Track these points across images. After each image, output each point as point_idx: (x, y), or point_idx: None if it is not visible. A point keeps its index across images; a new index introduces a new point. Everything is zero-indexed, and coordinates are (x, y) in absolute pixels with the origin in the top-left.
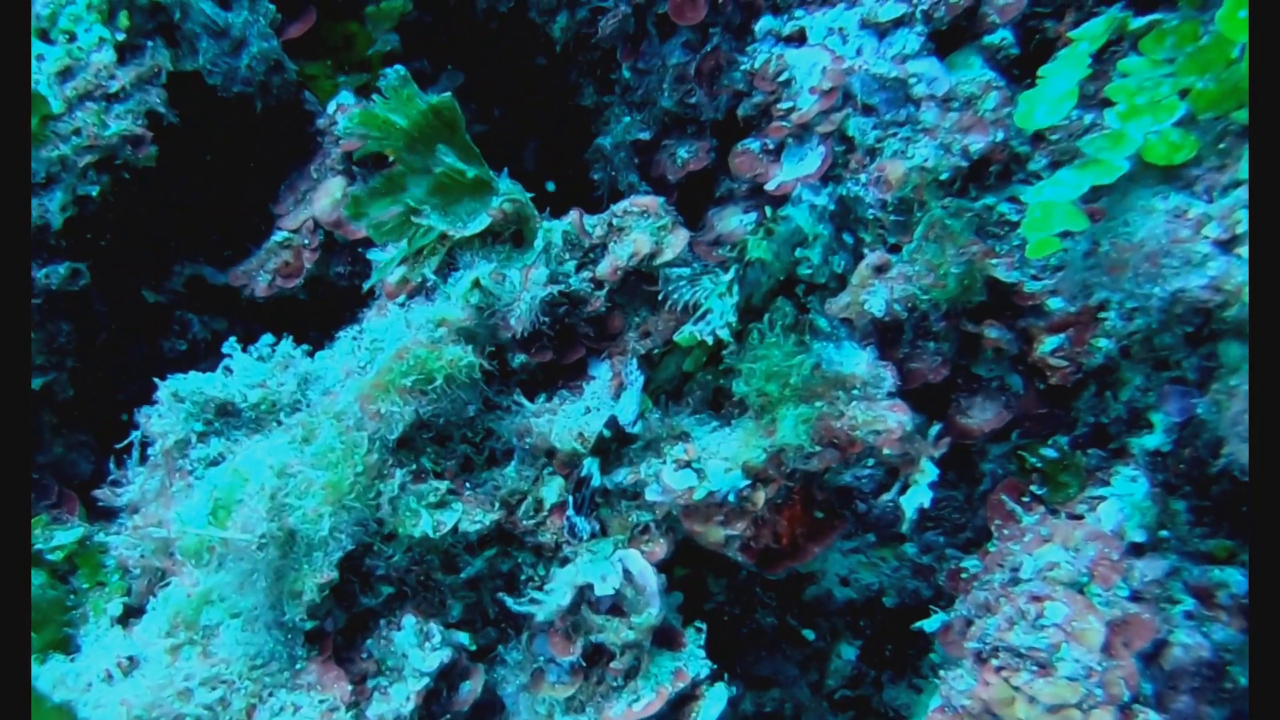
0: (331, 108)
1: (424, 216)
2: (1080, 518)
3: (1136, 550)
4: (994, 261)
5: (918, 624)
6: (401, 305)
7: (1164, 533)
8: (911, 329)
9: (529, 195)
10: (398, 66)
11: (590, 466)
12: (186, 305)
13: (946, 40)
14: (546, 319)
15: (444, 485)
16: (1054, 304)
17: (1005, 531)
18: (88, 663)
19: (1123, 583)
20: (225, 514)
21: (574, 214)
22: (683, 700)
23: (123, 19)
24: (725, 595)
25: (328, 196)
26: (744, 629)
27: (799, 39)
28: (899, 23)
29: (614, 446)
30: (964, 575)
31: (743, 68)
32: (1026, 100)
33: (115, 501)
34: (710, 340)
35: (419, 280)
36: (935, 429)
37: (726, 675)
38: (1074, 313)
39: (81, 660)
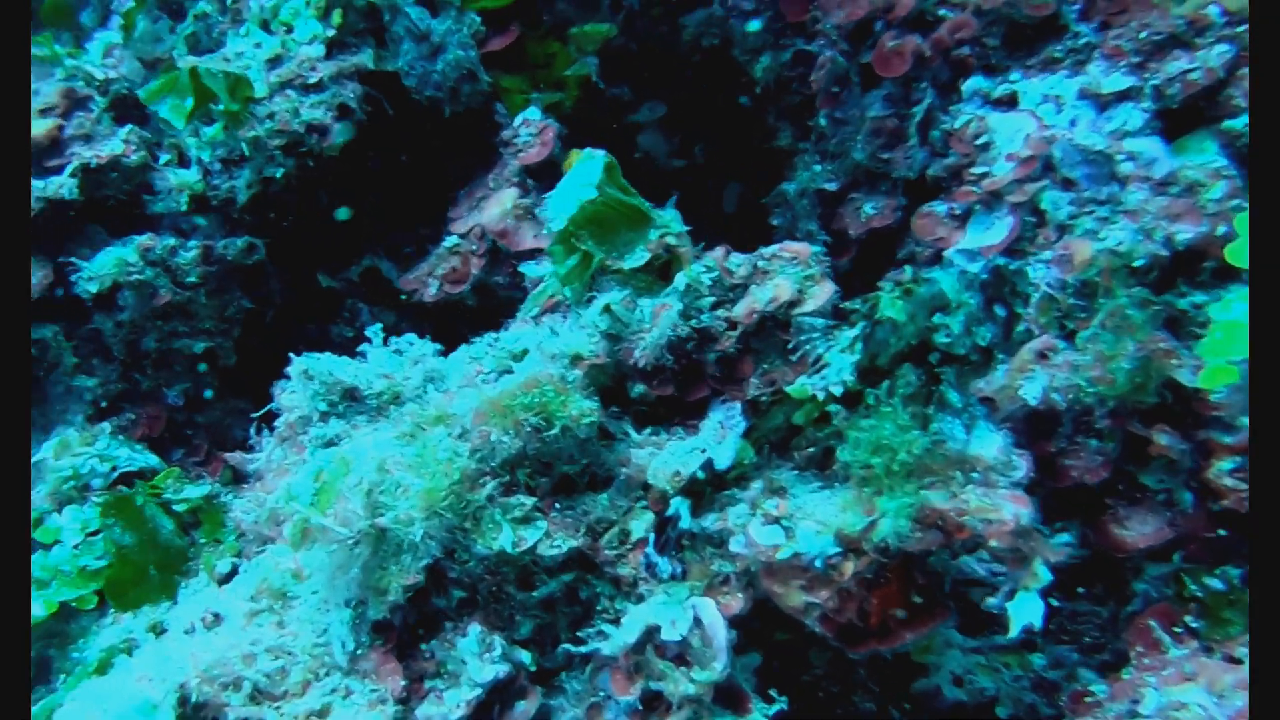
0: (517, 121)
1: (581, 241)
2: (1240, 662)
3: None
4: (1176, 362)
5: None
6: (535, 318)
7: None
8: (1071, 423)
9: (686, 228)
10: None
11: (678, 507)
12: (359, 295)
13: (1177, 120)
14: (672, 357)
15: (531, 501)
16: (1246, 420)
17: (1146, 661)
18: (180, 613)
19: None
20: (326, 501)
21: (719, 250)
22: None
23: (336, 17)
24: (825, 670)
25: (498, 206)
26: (839, 710)
27: (1008, 103)
28: (1123, 96)
29: (707, 490)
30: (1088, 699)
31: (943, 127)
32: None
33: (245, 467)
34: (822, 396)
35: (558, 298)
36: (1064, 538)
37: None
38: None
39: (175, 610)
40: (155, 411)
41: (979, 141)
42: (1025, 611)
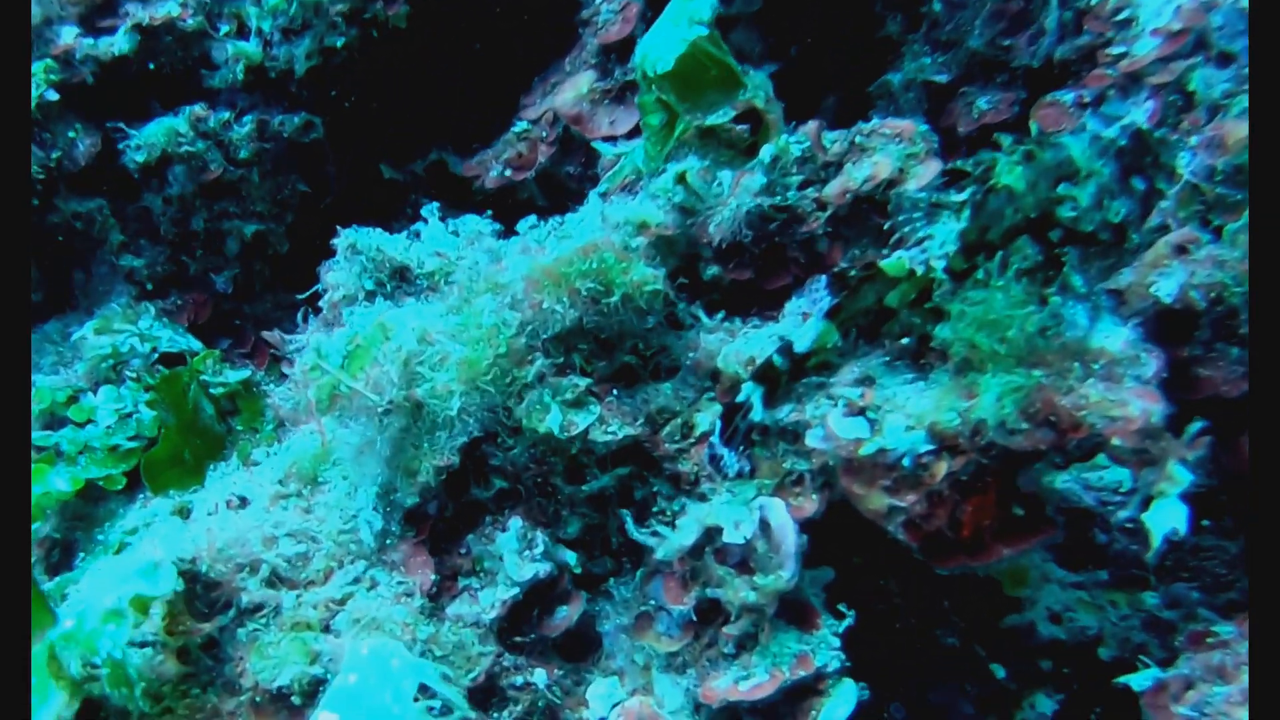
0: None
1: (664, 93)
2: None
3: None
4: None
5: (1122, 678)
6: (602, 196)
7: None
8: (1210, 326)
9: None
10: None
11: (750, 393)
12: (424, 190)
13: None
14: (751, 232)
15: (584, 383)
16: None
17: None
18: (205, 496)
19: None
20: (358, 365)
21: (812, 124)
22: (802, 692)
23: None
24: (904, 600)
25: (573, 90)
26: (919, 645)
27: None
28: None
29: (783, 378)
30: (1210, 640)
31: (1075, 6)
32: None
33: (285, 349)
34: (922, 270)
35: (634, 177)
36: (1196, 426)
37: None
38: None
39: (201, 493)
40: (202, 298)
41: (1119, 17)
42: (1166, 518)
